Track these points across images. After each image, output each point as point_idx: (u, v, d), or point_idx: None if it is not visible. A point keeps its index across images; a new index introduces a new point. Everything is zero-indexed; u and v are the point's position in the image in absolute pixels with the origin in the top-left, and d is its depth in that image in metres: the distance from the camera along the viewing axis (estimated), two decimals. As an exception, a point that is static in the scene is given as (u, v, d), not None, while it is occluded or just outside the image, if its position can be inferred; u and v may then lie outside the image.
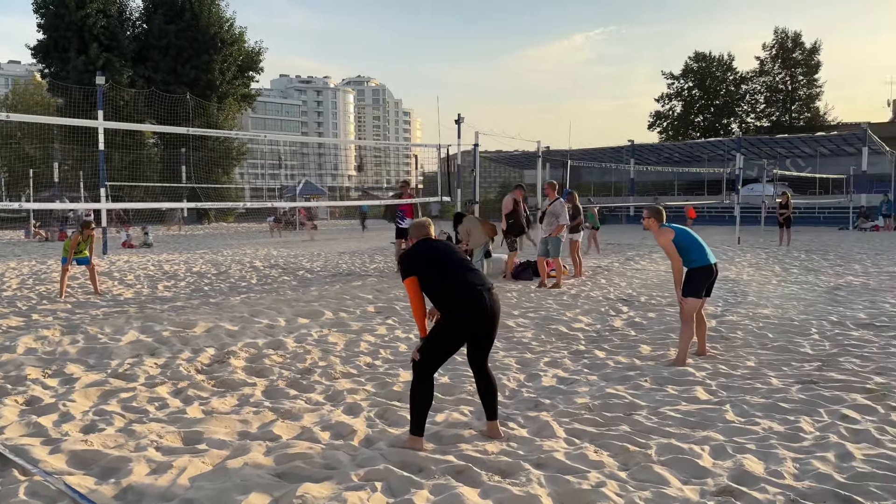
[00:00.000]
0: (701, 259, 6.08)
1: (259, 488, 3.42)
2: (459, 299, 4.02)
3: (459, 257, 4.29)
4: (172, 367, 6.12)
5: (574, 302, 9.67)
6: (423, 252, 4.22)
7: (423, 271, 4.12)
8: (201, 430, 4.37)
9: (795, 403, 4.85)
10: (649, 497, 3.37)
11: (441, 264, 4.14)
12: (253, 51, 48.06)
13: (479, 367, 4.32)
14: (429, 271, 4.12)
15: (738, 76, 56.09)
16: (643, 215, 6.47)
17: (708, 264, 6.08)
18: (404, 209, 12.86)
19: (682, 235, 6.12)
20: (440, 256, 4.19)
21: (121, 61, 41.46)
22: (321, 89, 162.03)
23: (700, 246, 6.13)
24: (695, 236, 6.20)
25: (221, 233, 33.11)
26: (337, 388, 5.44)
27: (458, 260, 4.24)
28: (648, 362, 6.21)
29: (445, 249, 4.29)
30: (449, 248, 4.35)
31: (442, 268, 4.13)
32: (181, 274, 13.90)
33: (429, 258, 4.17)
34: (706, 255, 6.11)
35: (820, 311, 8.64)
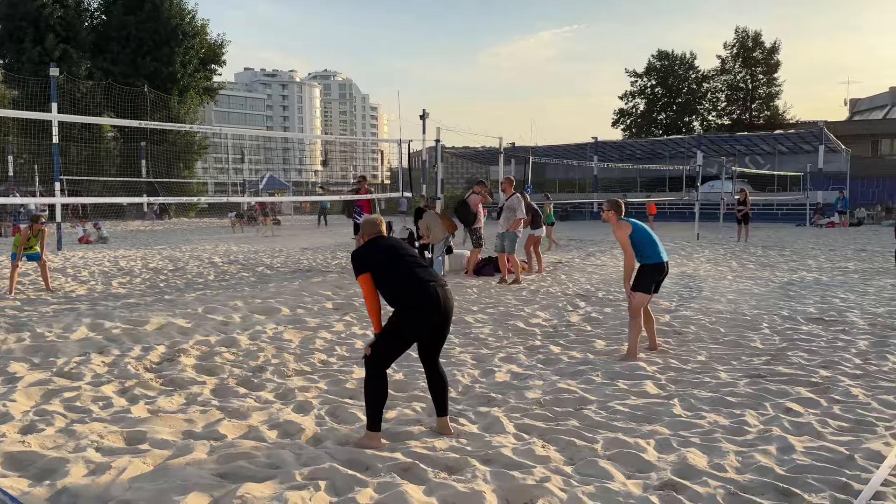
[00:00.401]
0: (654, 256, 6.16)
1: (199, 488, 3.36)
2: (412, 295, 4.02)
3: (411, 254, 4.28)
4: (120, 365, 5.99)
5: (533, 297, 9.71)
6: (376, 249, 4.19)
7: (376, 268, 4.09)
8: (145, 430, 4.27)
9: (742, 397, 4.93)
10: (592, 491, 3.39)
11: (394, 261, 4.12)
12: (215, 43, 47.41)
13: (430, 363, 4.30)
14: (382, 268, 4.09)
15: (700, 75, 56.97)
16: (603, 208, 6.54)
17: (660, 262, 6.17)
18: (361, 205, 12.78)
19: (638, 231, 6.20)
20: (393, 253, 4.16)
21: (78, 53, 40.53)
22: (287, 83, 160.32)
23: (654, 243, 6.21)
24: (650, 233, 6.28)
25: (182, 228, 32.54)
26: (289, 386, 5.38)
27: (410, 257, 4.22)
28: (602, 357, 6.26)
29: (398, 246, 4.28)
30: (401, 244, 4.34)
31: (395, 264, 4.10)
32: (137, 270, 13.63)
33: (381, 255, 4.14)
34: (659, 252, 6.19)
35: (772, 306, 8.81)
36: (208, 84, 48.14)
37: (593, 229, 28.71)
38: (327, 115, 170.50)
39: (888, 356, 6.11)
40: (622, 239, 6.18)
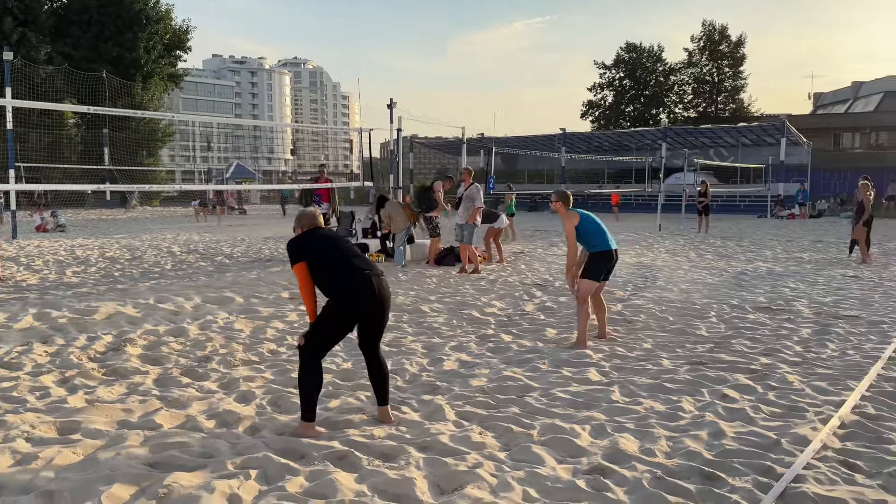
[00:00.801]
0: (602, 244, 6.22)
1: (125, 478, 3.32)
2: (347, 284, 4.02)
3: (347, 244, 4.29)
4: (63, 355, 5.89)
5: (491, 287, 9.75)
6: (312, 239, 4.17)
7: (311, 257, 4.07)
8: (80, 420, 4.21)
9: (681, 384, 5.02)
10: (521, 476, 3.42)
11: (329, 251, 4.11)
12: (180, 29, 46.50)
13: (370, 353, 4.31)
14: (317, 257, 4.08)
15: (668, 67, 57.46)
16: (551, 199, 6.59)
17: (609, 250, 6.24)
18: (321, 193, 12.68)
19: (586, 221, 6.26)
20: (329, 243, 4.17)
21: (38, 36, 39.46)
22: (256, 70, 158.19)
23: (602, 231, 6.28)
24: (598, 222, 6.34)
25: (145, 217, 32.06)
26: (233, 376, 5.34)
27: (345, 247, 4.23)
28: (551, 345, 6.32)
29: (334, 237, 4.29)
30: (336, 235, 4.34)
31: (330, 254, 4.10)
32: (93, 259, 13.39)
33: (317, 245, 4.14)
34: (608, 240, 6.26)
35: (723, 295, 8.96)
36: (173, 70, 47.25)
37: (559, 220, 28.86)
38: (297, 104, 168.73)
39: (828, 344, 6.26)
40: (569, 229, 6.24)
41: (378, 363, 4.30)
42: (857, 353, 5.90)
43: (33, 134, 37.81)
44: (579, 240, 6.30)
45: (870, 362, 5.56)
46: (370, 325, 4.18)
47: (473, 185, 10.95)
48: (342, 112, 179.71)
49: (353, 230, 13.86)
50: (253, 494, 3.25)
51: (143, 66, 43.23)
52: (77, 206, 38.55)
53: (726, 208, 34.05)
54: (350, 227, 13.88)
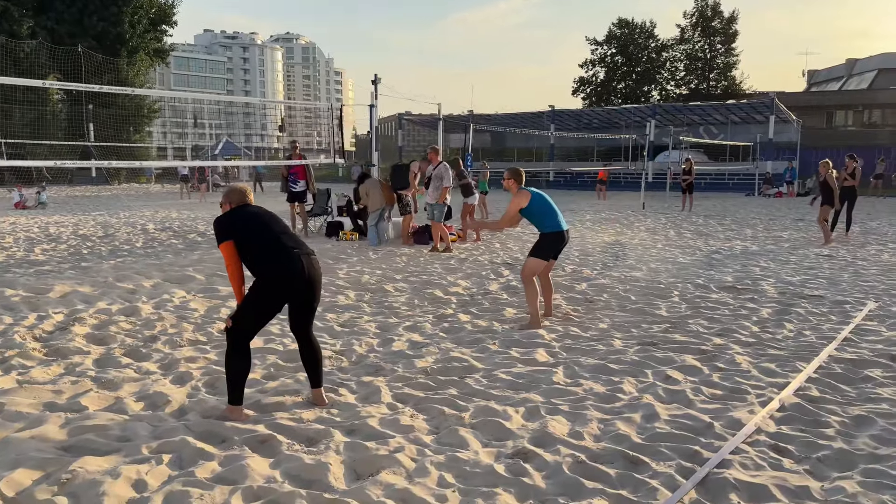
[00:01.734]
0: (553, 225, 6.14)
1: (31, 463, 3.23)
2: (275, 263, 3.90)
3: (277, 222, 4.13)
4: (8, 334, 5.76)
5: (459, 266, 9.65)
6: (241, 216, 4.03)
7: (239, 234, 3.94)
8: (3, 402, 4.10)
9: (626, 365, 4.94)
10: (440, 461, 3.34)
11: (258, 229, 3.98)
12: (166, 3, 45.84)
13: (302, 334, 4.20)
14: (246, 235, 3.94)
15: (660, 44, 57.01)
16: (504, 176, 6.48)
17: (560, 230, 6.18)
18: (296, 171, 12.51)
19: (537, 201, 6.16)
20: (258, 221, 4.03)
21: (20, 10, 38.81)
22: (248, 45, 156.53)
23: (554, 212, 6.21)
24: (550, 202, 6.26)
25: (128, 194, 31.79)
26: (175, 357, 5.23)
27: (275, 225, 4.08)
28: (507, 325, 6.23)
29: (263, 214, 4.13)
30: (268, 213, 4.18)
31: (258, 232, 3.97)
32: (65, 237, 13.23)
33: (247, 222, 4.00)
34: (559, 221, 6.18)
35: (690, 275, 8.88)
36: (159, 45, 46.64)
37: (546, 198, 28.76)
38: (290, 80, 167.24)
39: (786, 324, 6.19)
40: (511, 210, 6.19)
41: (310, 344, 4.20)
42: (813, 334, 5.83)
43: (18, 110, 37.37)
44: (531, 219, 6.21)
45: (824, 343, 5.49)
46: (299, 305, 4.07)
47: (441, 164, 10.81)
48: (335, 88, 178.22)
49: (329, 208, 13.71)
50: (161, 480, 3.17)
51: (129, 40, 42.64)
52: (62, 182, 38.21)
53: (714, 186, 33.96)
54: (326, 205, 13.73)
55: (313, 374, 4.23)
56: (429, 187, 10.87)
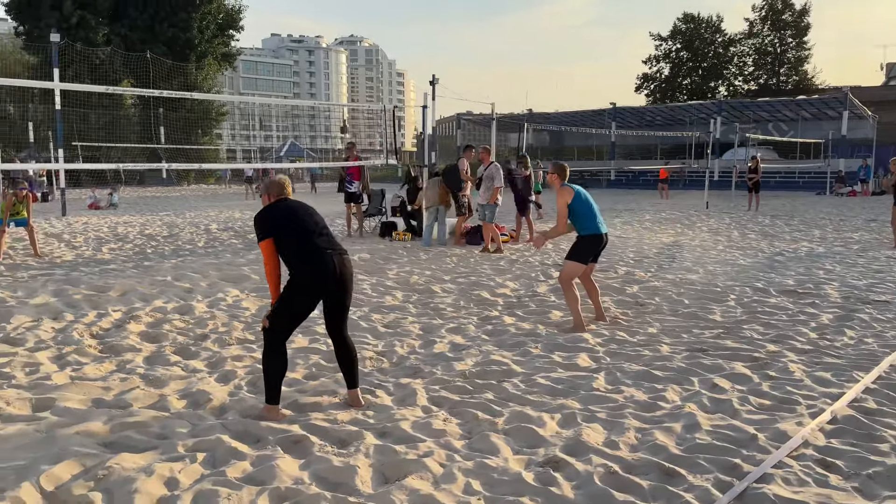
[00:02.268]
0: (592, 227, 6.03)
1: (72, 457, 3.33)
2: (307, 263, 3.93)
3: (315, 219, 4.14)
4: (68, 331, 5.99)
5: (509, 267, 9.57)
6: (282, 213, 4.06)
7: (279, 231, 3.97)
8: (55, 398, 4.27)
9: (671, 372, 4.78)
10: (468, 468, 3.30)
11: (296, 226, 4.00)
12: (233, 9, 47.17)
13: (336, 334, 4.22)
14: (285, 233, 3.97)
15: (727, 38, 55.35)
16: (548, 170, 6.40)
17: (599, 233, 6.05)
18: (352, 172, 12.65)
19: (580, 200, 6.05)
20: (296, 217, 4.04)
21: (96, 19, 40.65)
22: (313, 49, 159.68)
23: (594, 213, 6.09)
24: (591, 203, 6.13)
25: (197, 195, 32.81)
26: (223, 356, 5.34)
27: (312, 223, 4.10)
28: (551, 329, 6.13)
29: (301, 210, 4.14)
30: (305, 208, 4.19)
31: (296, 229, 3.99)
32: (132, 236, 13.73)
33: (286, 219, 4.02)
34: (598, 223, 6.06)
35: (749, 278, 8.56)
36: (226, 50, 48.04)
37: (608, 197, 28.31)
38: (354, 82, 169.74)
39: (846, 331, 5.90)
40: (561, 205, 6.04)
41: (345, 344, 4.22)
42: (875, 342, 5.54)
43: (93, 114, 39.01)
44: (571, 219, 6.07)
45: (886, 352, 5.20)
46: (332, 305, 4.10)
47: (493, 164, 10.74)
48: (397, 89, 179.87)
49: (384, 208, 13.82)
50: (193, 478, 3.22)
51: (197, 46, 44.09)
52: (134, 184, 39.78)
53: (784, 185, 32.78)
54: (380, 206, 13.85)
55: (349, 376, 4.25)
56: (480, 188, 10.81)
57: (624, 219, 17.79)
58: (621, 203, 25.00)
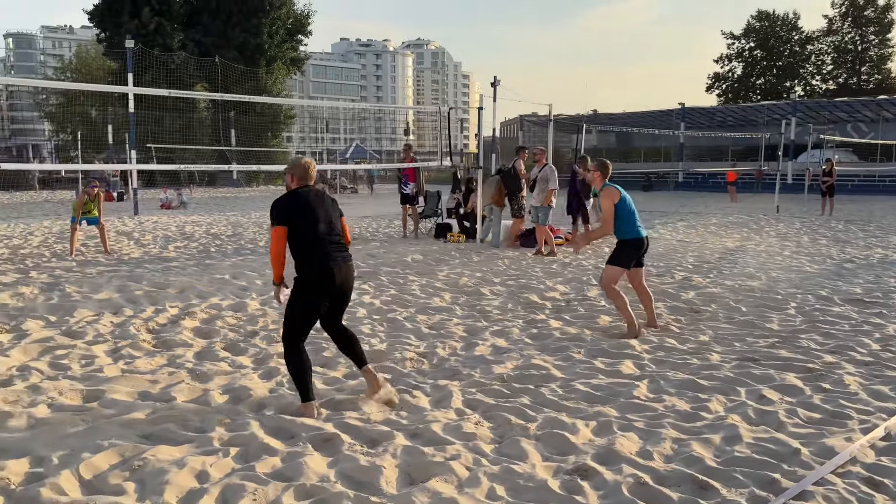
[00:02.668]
0: (633, 231, 5.94)
1: (112, 448, 3.45)
2: (312, 268, 4.03)
3: (331, 220, 4.16)
4: (125, 326, 6.23)
5: (561, 270, 9.44)
6: (301, 205, 4.07)
7: (294, 224, 4.01)
8: (105, 390, 4.44)
9: (718, 381, 4.62)
10: (494, 472, 3.26)
11: (312, 225, 4.03)
12: (302, 14, 48.19)
13: (333, 328, 4.37)
14: (299, 226, 4.01)
15: (804, 36, 53.24)
16: (591, 168, 6.28)
17: (640, 237, 5.95)
18: (407, 173, 12.74)
19: (624, 201, 5.95)
20: (312, 214, 4.05)
21: (172, 25, 42.18)
22: (381, 52, 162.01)
23: (634, 217, 6.02)
24: (632, 205, 6.02)
25: (266, 195, 33.61)
26: (269, 352, 5.45)
27: (327, 224, 4.12)
28: (598, 334, 6.01)
29: (321, 206, 4.14)
30: (324, 202, 4.19)
31: (311, 229, 4.02)
32: (197, 235, 14.18)
33: (304, 213, 4.04)
34: (638, 227, 5.97)
35: (813, 285, 8.20)
36: (295, 55, 49.11)
37: (673, 200, 27.65)
38: (420, 84, 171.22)
39: (914, 343, 5.57)
40: (607, 207, 5.90)
41: (342, 334, 4.37)
42: (945, 355, 5.21)
43: (168, 116, 40.52)
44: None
45: (955, 366, 4.89)
46: (330, 307, 4.22)
47: (548, 165, 10.61)
48: (462, 91, 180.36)
49: (439, 210, 13.86)
50: (223, 472, 3.29)
51: (267, 51, 45.20)
52: (206, 184, 41.12)
53: (863, 189, 31.30)
54: (436, 207, 13.90)
55: (354, 356, 4.36)
56: (534, 189, 10.71)
57: (688, 222, 17.33)
58: (688, 206, 24.35)
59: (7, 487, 3.11)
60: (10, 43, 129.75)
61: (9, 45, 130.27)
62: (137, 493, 3.09)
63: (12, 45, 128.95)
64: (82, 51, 57.62)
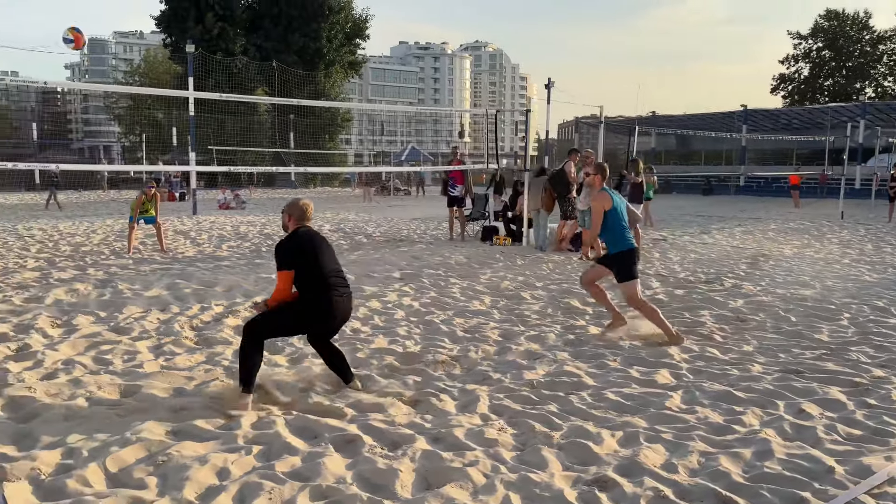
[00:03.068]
0: (624, 241, 5.87)
1: (140, 443, 3.54)
2: (319, 302, 4.24)
3: (328, 253, 4.41)
4: (170, 323, 6.40)
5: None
6: (306, 247, 4.27)
7: (300, 265, 4.21)
8: (142, 385, 4.55)
9: (756, 394, 4.45)
10: (511, 480, 3.21)
11: (314, 261, 4.24)
12: (360, 18, 48.82)
13: (322, 346, 4.59)
14: (306, 268, 4.22)
15: (876, 35, 51.09)
16: (591, 171, 6.26)
17: (632, 247, 5.92)
18: (454, 176, 12.75)
19: (616, 209, 5.91)
20: (316, 254, 4.27)
21: (234, 30, 43.33)
22: (439, 55, 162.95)
23: (624, 227, 5.93)
24: (623, 215, 5.95)
25: (321, 197, 34.16)
26: (305, 352, 5.50)
27: (333, 260, 4.42)
28: (636, 342, 5.87)
29: (320, 243, 4.39)
30: (323, 241, 4.44)
31: (319, 268, 4.24)
32: (251, 235, 14.51)
33: (308, 255, 4.24)
34: (627, 237, 5.91)
35: (870, 295, 7.84)
36: (353, 58, 49.79)
37: (732, 204, 26.90)
38: (477, 87, 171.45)
39: (974, 359, 5.26)
40: (597, 209, 5.89)
41: (330, 351, 4.58)
42: None
43: (230, 120, 41.59)
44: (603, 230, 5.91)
45: None
46: (325, 333, 4.51)
47: (596, 168, 10.40)
48: (520, 94, 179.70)
49: (487, 212, 13.82)
50: (244, 470, 3.34)
51: (326, 55, 45.97)
52: (265, 185, 42.05)
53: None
54: (483, 210, 13.86)
55: (342, 373, 4.57)
56: (581, 192, 10.56)
57: (746, 228, 16.83)
58: (748, 211, 23.67)
59: (37, 477, 3.22)
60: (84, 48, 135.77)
61: (83, 50, 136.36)
62: (159, 487, 3.16)
63: (86, 50, 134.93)
64: (150, 55, 59.81)
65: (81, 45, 18.44)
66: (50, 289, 7.86)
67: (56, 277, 8.77)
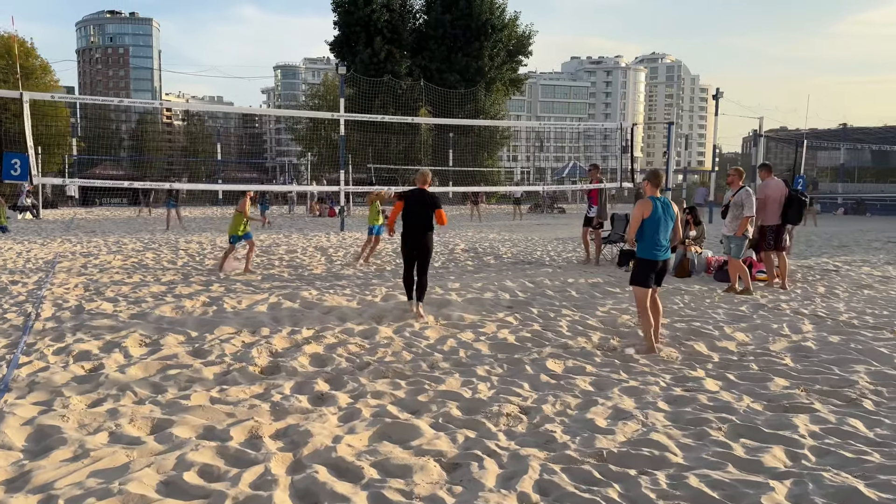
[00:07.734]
0: (647, 252, 6.08)
1: (119, 496, 3.20)
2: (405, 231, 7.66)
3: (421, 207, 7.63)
4: (251, 347, 6.19)
5: (750, 314, 7.96)
6: (412, 197, 7.68)
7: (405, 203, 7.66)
8: (175, 420, 4.27)
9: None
10: None
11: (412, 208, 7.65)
12: (523, 35, 48.59)
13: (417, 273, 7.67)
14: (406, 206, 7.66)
15: None
16: (644, 176, 6.65)
17: (654, 259, 6.10)
18: (592, 195, 11.82)
19: (654, 217, 6.04)
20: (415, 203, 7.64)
21: (401, 52, 44.77)
22: (611, 69, 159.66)
23: (657, 237, 6.05)
24: (659, 224, 6.04)
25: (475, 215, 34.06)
26: (366, 390, 5.03)
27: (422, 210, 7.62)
28: (758, 405, 4.77)
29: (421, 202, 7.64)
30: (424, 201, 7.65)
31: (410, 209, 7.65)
32: (384, 254, 14.39)
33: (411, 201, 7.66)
34: (657, 249, 6.08)
35: None
36: (514, 75, 49.61)
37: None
38: (652, 100, 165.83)
39: None
40: (636, 216, 6.12)
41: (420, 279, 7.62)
42: None
43: (393, 138, 42.96)
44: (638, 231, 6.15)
45: None
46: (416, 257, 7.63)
47: (743, 188, 9.04)
48: (699, 105, 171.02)
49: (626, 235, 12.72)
50: (209, 544, 2.87)
51: (487, 72, 46.16)
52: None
53: None
54: (622, 232, 12.76)
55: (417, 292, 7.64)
56: (726, 216, 9.25)
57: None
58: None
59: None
60: (278, 74, 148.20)
61: (277, 76, 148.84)
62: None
63: (280, 75, 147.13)
64: (327, 79, 63.56)
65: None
66: (161, 305, 8.04)
67: (177, 292, 9.02)
